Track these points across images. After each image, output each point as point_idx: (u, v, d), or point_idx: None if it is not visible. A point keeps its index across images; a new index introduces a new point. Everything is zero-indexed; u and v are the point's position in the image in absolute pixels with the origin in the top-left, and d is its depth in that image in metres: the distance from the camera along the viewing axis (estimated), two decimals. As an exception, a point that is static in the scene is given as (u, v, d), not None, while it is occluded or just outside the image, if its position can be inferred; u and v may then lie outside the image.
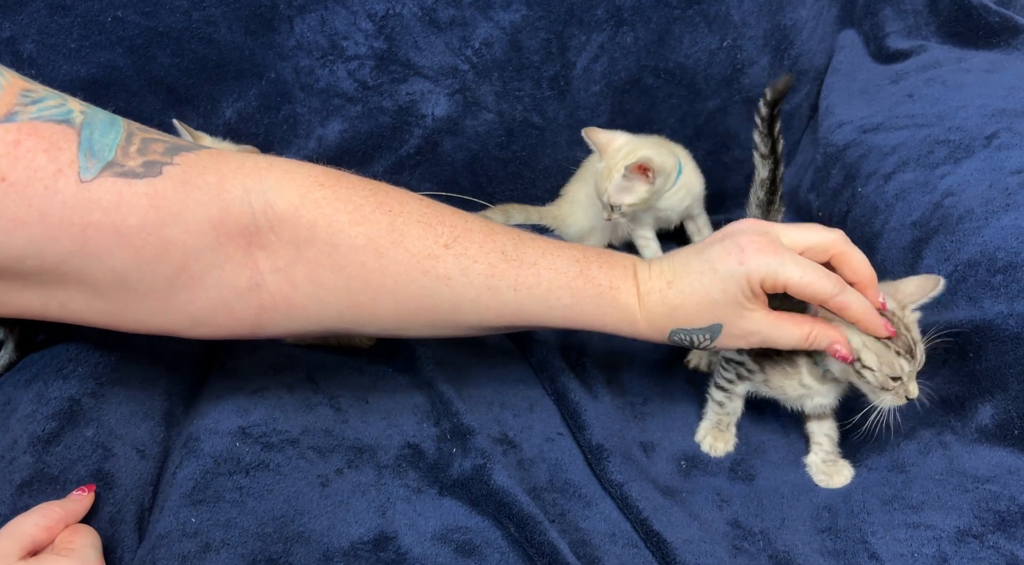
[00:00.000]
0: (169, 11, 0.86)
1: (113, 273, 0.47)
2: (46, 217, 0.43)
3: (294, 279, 0.52)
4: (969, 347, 0.63)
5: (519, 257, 0.55)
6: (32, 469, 0.54)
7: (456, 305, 0.54)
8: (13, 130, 0.42)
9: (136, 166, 0.46)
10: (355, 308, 0.54)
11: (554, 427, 0.66)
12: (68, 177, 0.43)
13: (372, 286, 0.53)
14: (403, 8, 0.91)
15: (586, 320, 0.57)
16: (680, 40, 0.97)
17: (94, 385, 0.61)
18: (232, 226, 0.49)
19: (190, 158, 0.48)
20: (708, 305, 0.54)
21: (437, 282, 0.53)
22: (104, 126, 0.46)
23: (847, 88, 0.98)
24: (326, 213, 0.51)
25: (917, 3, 1.02)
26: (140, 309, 0.50)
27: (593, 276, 0.56)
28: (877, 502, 0.59)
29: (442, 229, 0.54)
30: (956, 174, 0.75)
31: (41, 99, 0.44)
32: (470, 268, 0.53)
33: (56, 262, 0.45)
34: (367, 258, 0.52)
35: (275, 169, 0.51)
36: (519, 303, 0.55)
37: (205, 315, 0.51)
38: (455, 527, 0.55)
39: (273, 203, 0.50)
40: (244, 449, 0.59)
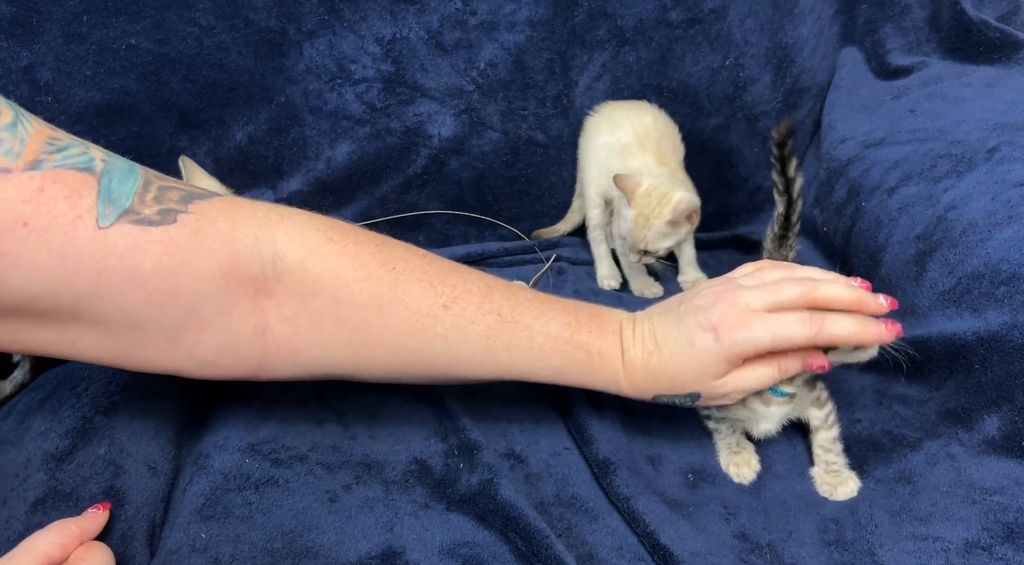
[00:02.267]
0: (181, 38, 0.88)
1: (125, 314, 0.48)
2: (64, 261, 0.45)
3: (298, 328, 0.54)
4: (974, 358, 0.63)
5: (514, 319, 0.57)
6: (46, 486, 0.55)
7: (451, 361, 0.57)
8: (38, 178, 0.43)
9: (152, 214, 0.48)
10: (355, 359, 0.56)
11: (560, 442, 0.66)
12: (87, 223, 0.45)
13: (372, 340, 0.55)
14: (409, 31, 0.93)
15: (572, 380, 0.60)
16: (682, 59, 0.99)
17: (106, 403, 0.62)
18: (241, 274, 0.51)
19: (203, 206, 0.50)
20: (685, 376, 0.58)
21: (435, 340, 0.56)
22: (123, 174, 0.47)
23: (849, 104, 0.99)
24: (332, 268, 0.53)
25: (918, 20, 1.03)
26: (148, 349, 0.52)
27: (583, 343, 0.58)
28: (884, 514, 0.58)
29: (443, 289, 0.56)
30: (959, 187, 0.76)
31: (66, 148, 0.46)
32: (467, 329, 0.56)
33: (71, 302, 0.47)
34: (369, 314, 0.54)
35: (286, 221, 0.53)
36: (511, 362, 0.58)
37: (211, 357, 0.53)
38: (462, 542, 0.55)
39: (282, 255, 0.52)
40: (253, 465, 0.60)
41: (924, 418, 0.66)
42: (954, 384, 0.65)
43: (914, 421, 0.67)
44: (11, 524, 0.53)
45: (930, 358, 0.67)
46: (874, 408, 0.70)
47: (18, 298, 0.45)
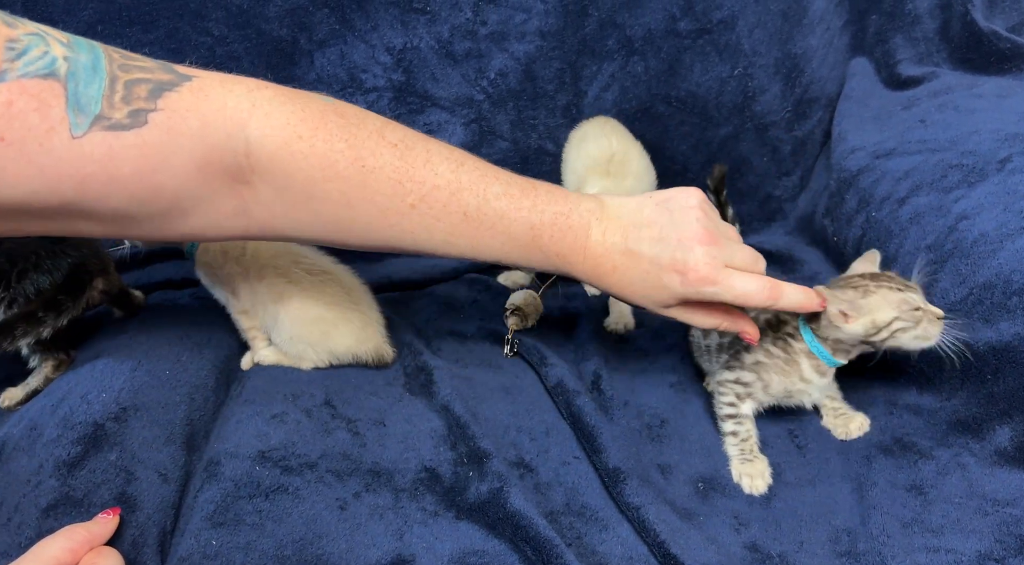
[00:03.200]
0: (194, 47, 0.89)
1: (113, 211, 0.51)
2: (44, 171, 0.46)
3: (274, 213, 0.57)
4: (987, 369, 0.63)
5: (480, 218, 0.59)
6: (57, 493, 0.55)
7: (419, 249, 0.61)
8: (4, 91, 0.43)
9: (122, 117, 0.48)
10: (329, 238, 0.60)
11: (570, 451, 0.66)
12: (60, 134, 0.45)
13: (344, 228, 0.59)
14: (420, 41, 0.93)
15: (528, 266, 0.63)
16: (691, 69, 0.99)
17: (117, 410, 0.62)
18: (216, 166, 0.53)
19: (173, 100, 0.50)
20: (635, 297, 0.62)
21: (402, 234, 0.59)
22: (88, 74, 0.47)
23: (859, 114, 0.99)
24: (301, 167, 0.55)
25: (928, 30, 1.03)
26: (142, 231, 0.55)
27: (543, 245, 0.61)
28: (896, 525, 0.58)
29: (411, 186, 0.57)
30: (970, 198, 0.76)
31: (26, 50, 0.45)
32: (432, 226, 0.59)
33: (59, 205, 0.48)
34: (339, 209, 0.57)
35: (257, 112, 0.53)
36: (475, 255, 0.61)
37: (198, 232, 0.57)
38: (472, 550, 0.55)
39: (254, 149, 0.53)
40: (264, 473, 0.60)
41: (935, 428, 0.66)
42: (965, 394, 0.65)
43: (925, 431, 0.66)
44: (23, 529, 0.53)
45: (943, 368, 0.66)
46: (885, 416, 0.69)
47: (8, 204, 0.46)
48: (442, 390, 0.71)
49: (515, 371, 0.78)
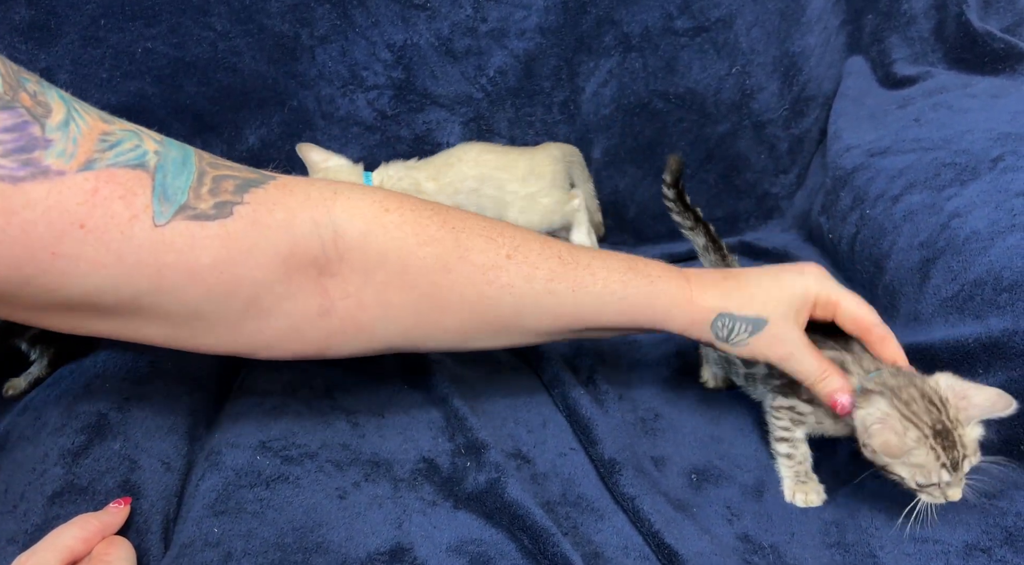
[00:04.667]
0: (196, 42, 0.89)
1: (186, 307, 0.49)
2: (123, 259, 0.45)
3: (363, 303, 0.54)
4: (977, 364, 0.64)
5: (575, 261, 0.58)
6: (63, 480, 0.56)
7: (519, 311, 0.57)
8: (92, 178, 0.44)
9: (208, 208, 0.48)
10: (422, 325, 0.57)
11: (566, 442, 0.67)
12: (143, 222, 0.45)
13: (439, 303, 0.56)
14: (420, 39, 0.94)
15: (639, 310, 0.59)
16: (689, 66, 1.00)
17: (120, 400, 0.63)
18: (302, 258, 0.51)
19: (259, 195, 0.50)
20: (762, 296, 0.58)
21: (501, 291, 0.56)
22: (176, 167, 0.47)
23: (855, 113, 1.00)
24: (395, 237, 0.54)
25: (923, 30, 1.04)
26: (211, 336, 0.52)
27: (642, 269, 0.59)
28: (884, 517, 0.59)
29: (503, 240, 0.57)
30: (963, 196, 0.77)
31: (118, 143, 0.45)
32: (532, 274, 0.57)
33: (131, 298, 0.47)
34: (436, 276, 0.55)
35: (341, 198, 0.53)
36: (577, 304, 0.58)
37: (275, 341, 0.54)
38: (470, 539, 0.56)
39: (343, 233, 0.52)
40: (264, 462, 0.61)
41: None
42: None
43: None
44: (29, 517, 0.54)
45: (933, 363, 0.67)
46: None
47: (80, 296, 0.46)
48: (440, 382, 0.72)
49: (511, 364, 0.79)
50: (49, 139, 0.42)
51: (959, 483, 0.55)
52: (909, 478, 0.55)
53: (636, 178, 1.05)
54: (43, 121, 0.43)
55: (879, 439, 0.54)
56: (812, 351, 0.58)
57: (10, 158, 0.41)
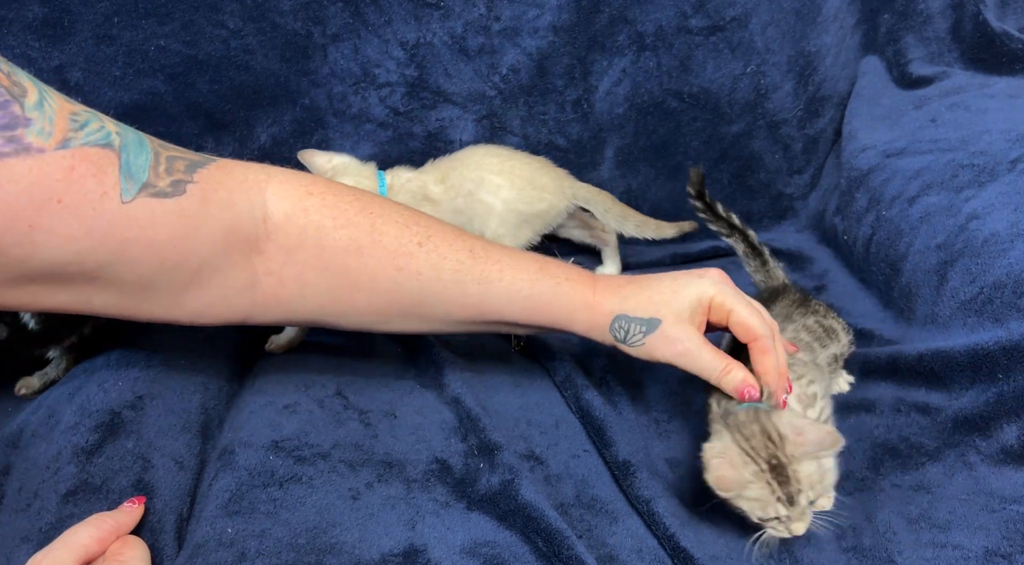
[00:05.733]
0: (209, 40, 0.89)
1: (139, 278, 0.53)
2: (92, 233, 0.48)
3: (283, 279, 0.59)
4: (997, 368, 0.63)
5: (485, 255, 0.61)
6: (76, 479, 0.56)
7: (424, 298, 0.61)
8: (68, 156, 0.46)
9: (165, 186, 0.51)
10: (335, 303, 0.61)
11: (580, 444, 0.67)
12: (112, 199, 0.48)
13: (351, 283, 0.60)
14: (433, 37, 0.94)
15: (542, 310, 0.62)
16: (703, 66, 0.99)
17: (133, 399, 0.63)
18: (239, 235, 0.56)
19: (205, 175, 0.54)
20: (657, 298, 0.60)
21: (409, 277, 0.60)
22: (136, 148, 0.50)
23: (870, 113, 0.99)
24: (313, 219, 0.58)
25: (940, 30, 1.03)
26: (153, 305, 0.56)
27: (551, 271, 0.62)
28: (902, 521, 0.58)
29: (417, 229, 0.60)
30: (981, 197, 0.76)
31: (86, 123, 0.48)
32: (440, 264, 0.60)
33: (93, 269, 0.50)
34: (349, 258, 0.59)
35: (272, 181, 0.58)
36: (482, 296, 0.61)
37: (206, 309, 0.58)
38: (483, 541, 0.56)
39: (271, 214, 0.57)
40: (277, 462, 0.60)
41: (941, 426, 0.66)
42: (974, 393, 0.65)
43: (931, 429, 0.67)
44: (42, 515, 0.54)
45: (951, 367, 0.67)
46: (892, 415, 0.70)
47: (47, 267, 0.48)
48: (452, 382, 0.71)
49: (523, 365, 0.79)
50: (29, 118, 0.44)
51: (801, 517, 0.54)
52: (750, 512, 0.55)
53: (649, 177, 1.04)
54: (21, 100, 0.45)
55: (715, 474, 0.54)
56: (709, 348, 0.59)
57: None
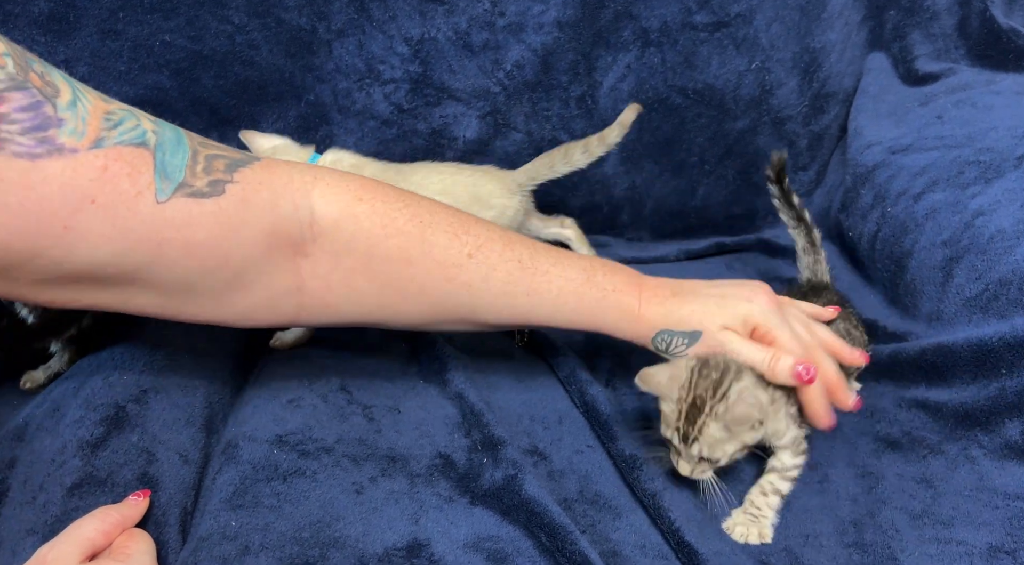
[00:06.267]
0: (214, 35, 0.89)
1: (178, 279, 0.52)
2: (127, 234, 0.47)
3: (331, 285, 0.58)
4: (1001, 364, 0.63)
5: (534, 266, 0.61)
6: (81, 472, 0.56)
7: (474, 309, 0.61)
8: (102, 156, 0.46)
9: (203, 186, 0.50)
10: (382, 309, 0.61)
11: (583, 440, 0.67)
12: (147, 199, 0.48)
13: (400, 292, 0.59)
14: (438, 32, 0.94)
15: (587, 320, 0.63)
16: (708, 62, 0.99)
17: (138, 393, 0.63)
18: (282, 238, 0.55)
19: (247, 174, 0.53)
20: (700, 314, 0.61)
21: (459, 288, 0.59)
22: (172, 146, 0.50)
23: (876, 110, 0.99)
24: (364, 227, 0.57)
25: (946, 26, 1.03)
26: (196, 307, 0.55)
27: (598, 282, 0.62)
28: (905, 517, 0.58)
29: (467, 239, 0.59)
30: (987, 194, 0.76)
31: (120, 122, 0.48)
32: (489, 275, 0.59)
33: (131, 270, 0.50)
34: (399, 267, 0.58)
35: (320, 183, 0.57)
36: (531, 307, 0.61)
37: (251, 312, 0.58)
38: (487, 536, 0.56)
39: (318, 218, 0.56)
40: (281, 456, 0.60)
41: (943, 422, 0.66)
42: (976, 389, 0.65)
43: (933, 425, 0.67)
44: (48, 508, 0.54)
45: (955, 362, 0.66)
46: (894, 410, 0.70)
47: (85, 267, 0.48)
48: (456, 378, 0.71)
49: (526, 361, 0.79)
50: (61, 118, 0.44)
51: (689, 461, 0.58)
52: (661, 421, 0.58)
53: (653, 174, 1.04)
54: (54, 101, 0.44)
55: (648, 369, 0.59)
56: (751, 344, 0.59)
57: (28, 136, 0.43)
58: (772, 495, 0.59)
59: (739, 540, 0.57)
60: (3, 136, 0.42)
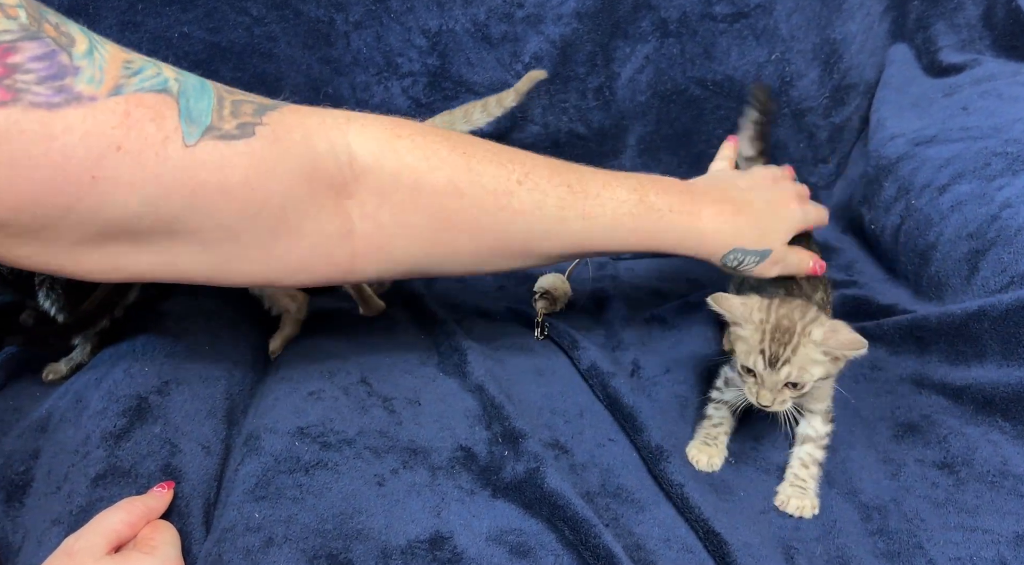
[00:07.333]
0: (232, 27, 0.89)
1: (220, 226, 0.51)
2: (159, 179, 0.46)
3: (382, 223, 0.56)
4: (1021, 348, 0.62)
5: (584, 189, 0.60)
6: (106, 463, 0.56)
7: (529, 236, 0.60)
8: (122, 102, 0.44)
9: (232, 129, 0.49)
10: (439, 246, 0.59)
11: (605, 433, 0.66)
12: (175, 142, 0.46)
13: (454, 224, 0.58)
14: (456, 24, 0.93)
15: (647, 241, 0.63)
16: (727, 53, 0.98)
17: (159, 384, 0.64)
18: (322, 178, 0.53)
19: (276, 117, 0.52)
20: (770, 231, 0.65)
21: (513, 216, 0.58)
22: (197, 92, 0.49)
23: (898, 101, 0.98)
24: (407, 161, 0.56)
25: (971, 17, 1.02)
26: (244, 261, 0.54)
27: (652, 203, 0.62)
28: (929, 505, 0.58)
29: (513, 166, 0.58)
30: (1014, 186, 0.75)
31: (141, 70, 0.47)
32: (542, 201, 0.59)
33: (169, 219, 0.49)
34: (449, 199, 0.57)
35: (354, 123, 0.55)
36: (587, 231, 0.61)
37: (304, 263, 0.56)
38: (509, 529, 0.56)
39: (357, 155, 0.54)
40: (303, 448, 0.60)
41: (963, 406, 0.65)
42: (997, 374, 0.64)
43: (954, 409, 0.66)
44: (73, 498, 0.54)
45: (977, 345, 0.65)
46: (912, 395, 0.69)
47: (119, 220, 0.47)
48: (475, 370, 0.71)
49: (546, 354, 0.79)
50: (78, 66, 0.43)
51: (772, 389, 0.58)
52: (738, 352, 0.59)
53: (671, 165, 1.03)
54: (69, 50, 0.43)
55: (722, 295, 0.62)
56: (795, 252, 0.67)
57: (44, 86, 0.42)
58: (812, 466, 0.61)
59: (795, 513, 0.59)
60: (19, 86, 0.41)
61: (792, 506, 0.59)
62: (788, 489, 0.60)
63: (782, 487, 0.61)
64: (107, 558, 0.47)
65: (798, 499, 0.59)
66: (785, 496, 0.60)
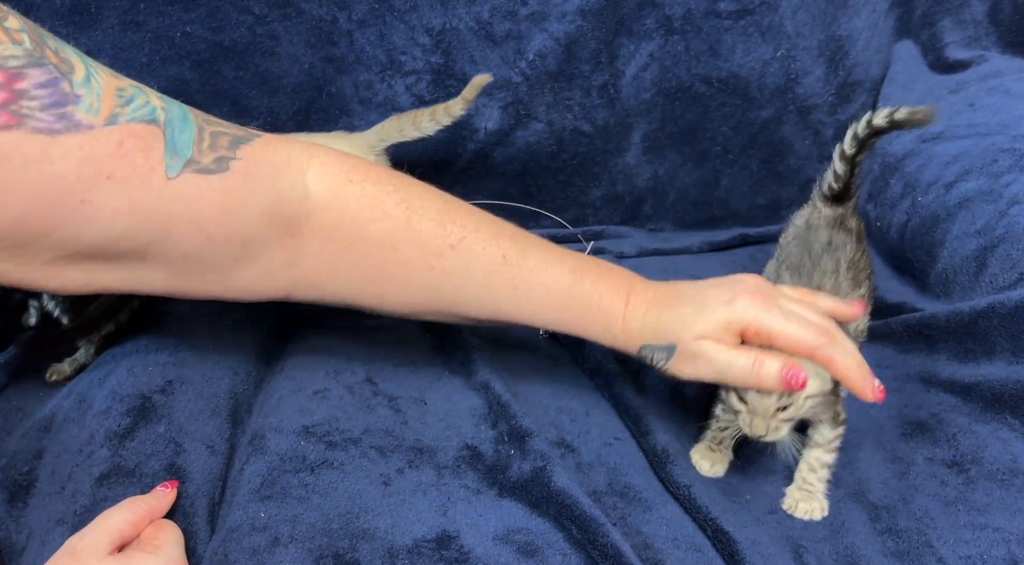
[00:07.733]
0: (234, 26, 0.89)
1: (187, 254, 0.53)
2: (140, 208, 0.49)
3: (319, 263, 0.58)
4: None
5: (519, 263, 0.60)
6: (109, 462, 0.56)
7: (457, 299, 0.61)
8: (117, 132, 0.47)
9: (209, 162, 0.51)
10: (369, 294, 0.61)
11: (611, 432, 0.66)
12: (159, 174, 0.49)
13: (385, 276, 0.60)
14: (459, 22, 0.93)
15: (571, 327, 0.62)
16: (732, 50, 0.98)
17: (163, 383, 0.63)
18: (280, 214, 0.56)
19: (248, 151, 0.54)
20: (677, 326, 0.58)
21: (441, 278, 0.59)
22: (180, 123, 0.51)
23: (904, 98, 0.97)
24: (351, 209, 0.57)
25: (977, 13, 1.01)
26: (201, 281, 0.56)
27: (584, 289, 0.60)
28: (938, 503, 0.58)
29: (452, 228, 0.59)
30: (1021, 182, 0.75)
31: (132, 98, 0.49)
32: (471, 266, 0.59)
33: (144, 244, 0.51)
34: (384, 252, 0.58)
35: (315, 162, 0.58)
36: (514, 302, 0.61)
37: (249, 284, 0.58)
38: (516, 528, 0.55)
39: (311, 195, 0.57)
40: (308, 447, 0.60)
41: (972, 404, 0.65)
42: (1005, 372, 0.63)
43: (963, 407, 0.66)
44: (77, 498, 0.54)
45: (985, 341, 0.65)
46: (921, 393, 0.69)
47: (99, 242, 0.49)
48: (481, 369, 0.71)
49: (551, 353, 0.78)
50: (78, 94, 0.45)
51: (764, 416, 0.55)
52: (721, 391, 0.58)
53: (676, 163, 1.03)
54: (70, 77, 0.45)
55: None
56: (731, 351, 0.55)
57: (47, 112, 0.44)
58: (821, 469, 0.60)
59: (803, 517, 0.58)
60: (24, 112, 0.43)
61: (800, 510, 0.59)
62: (796, 493, 0.60)
63: (790, 491, 0.60)
64: (110, 558, 0.47)
65: (806, 503, 0.59)
66: (793, 500, 0.59)
